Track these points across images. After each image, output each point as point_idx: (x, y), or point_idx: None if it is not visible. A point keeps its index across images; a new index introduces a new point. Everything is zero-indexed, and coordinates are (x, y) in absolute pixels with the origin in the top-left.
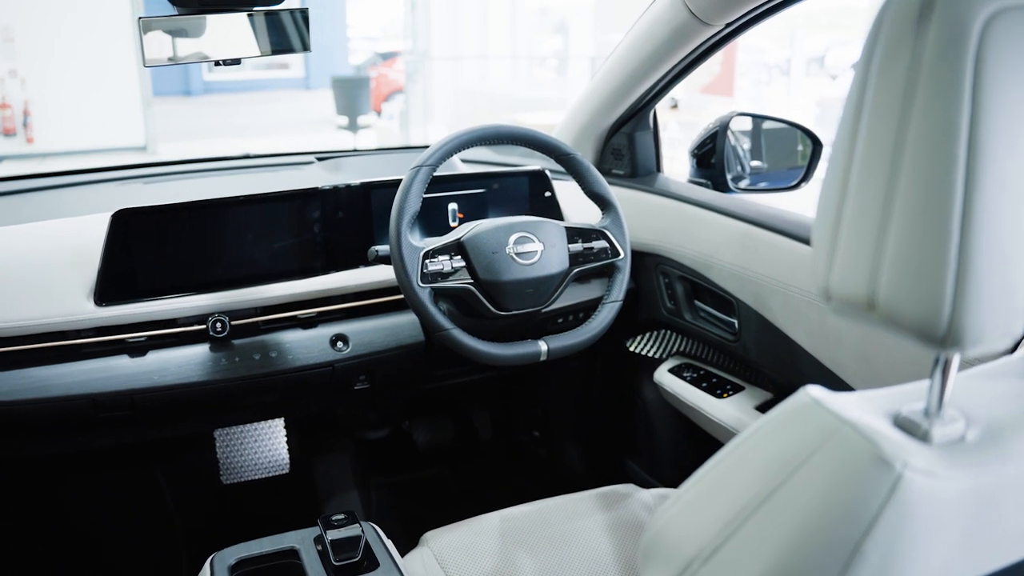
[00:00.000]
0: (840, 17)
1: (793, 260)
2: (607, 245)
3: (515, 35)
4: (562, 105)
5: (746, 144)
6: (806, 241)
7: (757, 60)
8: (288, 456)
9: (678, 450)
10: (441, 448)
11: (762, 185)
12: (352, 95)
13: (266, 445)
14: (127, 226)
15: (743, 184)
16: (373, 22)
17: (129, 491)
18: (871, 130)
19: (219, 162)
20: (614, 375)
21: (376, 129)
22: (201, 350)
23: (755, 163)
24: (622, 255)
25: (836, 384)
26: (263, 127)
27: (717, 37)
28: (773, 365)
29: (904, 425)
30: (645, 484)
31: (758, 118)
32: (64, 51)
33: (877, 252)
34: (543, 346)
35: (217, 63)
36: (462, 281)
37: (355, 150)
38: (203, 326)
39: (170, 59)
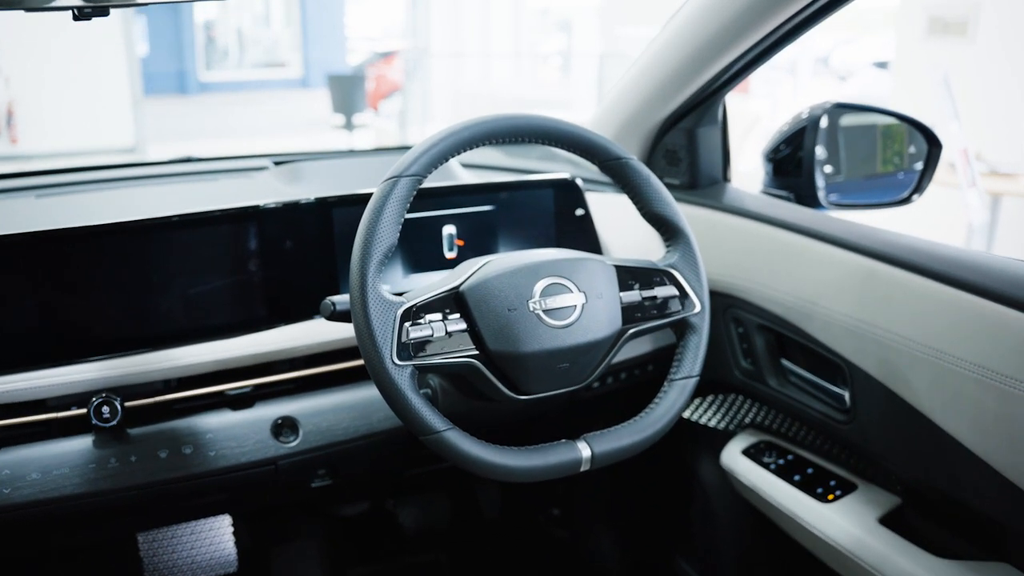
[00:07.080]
0: (849, 15)
1: (952, 315)
2: (676, 292)
3: (518, 33)
4: (568, 105)
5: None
6: (975, 289)
7: None
8: (236, 550)
9: (753, 560)
10: (435, 529)
11: (835, 197)
12: (348, 93)
13: (206, 539)
14: None
15: (827, 196)
16: (374, 22)
17: None
18: None
19: (150, 167)
20: (663, 446)
21: (374, 128)
22: (79, 446)
23: (828, 168)
24: (698, 308)
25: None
26: (258, 127)
27: None
28: (907, 461)
29: None
30: None
31: (854, 109)
32: (50, 49)
33: None
34: (584, 451)
35: (76, 15)
36: (462, 354)
37: (322, 152)
38: (83, 410)
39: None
